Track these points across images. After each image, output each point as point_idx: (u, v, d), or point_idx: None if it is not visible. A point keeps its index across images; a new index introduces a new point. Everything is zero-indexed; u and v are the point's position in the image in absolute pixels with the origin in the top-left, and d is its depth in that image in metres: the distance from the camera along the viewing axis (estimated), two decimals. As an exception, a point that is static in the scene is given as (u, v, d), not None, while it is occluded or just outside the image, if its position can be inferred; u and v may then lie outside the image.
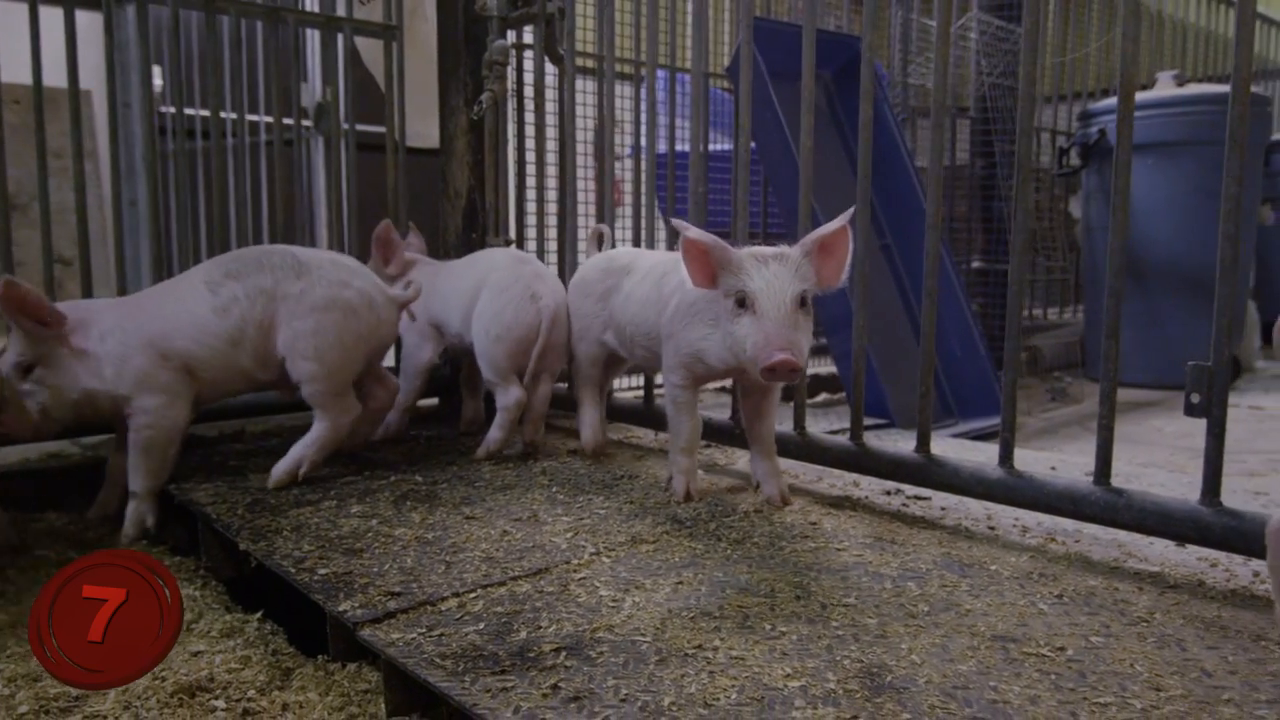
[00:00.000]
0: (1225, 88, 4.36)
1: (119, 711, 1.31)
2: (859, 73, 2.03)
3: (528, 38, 3.05)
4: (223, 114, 2.65)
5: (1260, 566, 1.63)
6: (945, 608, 1.46)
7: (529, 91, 3.08)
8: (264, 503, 2.00)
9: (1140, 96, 4.24)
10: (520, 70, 3.13)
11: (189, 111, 3.93)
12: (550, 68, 2.88)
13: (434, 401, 3.05)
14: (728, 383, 2.68)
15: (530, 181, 3.06)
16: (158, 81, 4.07)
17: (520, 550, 1.71)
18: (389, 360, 2.61)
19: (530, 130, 3.05)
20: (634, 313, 2.19)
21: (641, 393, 2.69)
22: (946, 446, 2.56)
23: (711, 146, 3.76)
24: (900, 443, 2.11)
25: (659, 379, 2.83)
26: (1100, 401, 1.67)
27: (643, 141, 2.77)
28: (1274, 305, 5.31)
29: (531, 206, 3.09)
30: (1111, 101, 4.27)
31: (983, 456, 1.94)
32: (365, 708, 1.36)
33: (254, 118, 4.24)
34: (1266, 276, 5.41)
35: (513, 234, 3.09)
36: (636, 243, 2.80)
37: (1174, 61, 5.67)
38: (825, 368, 4.06)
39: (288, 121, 2.81)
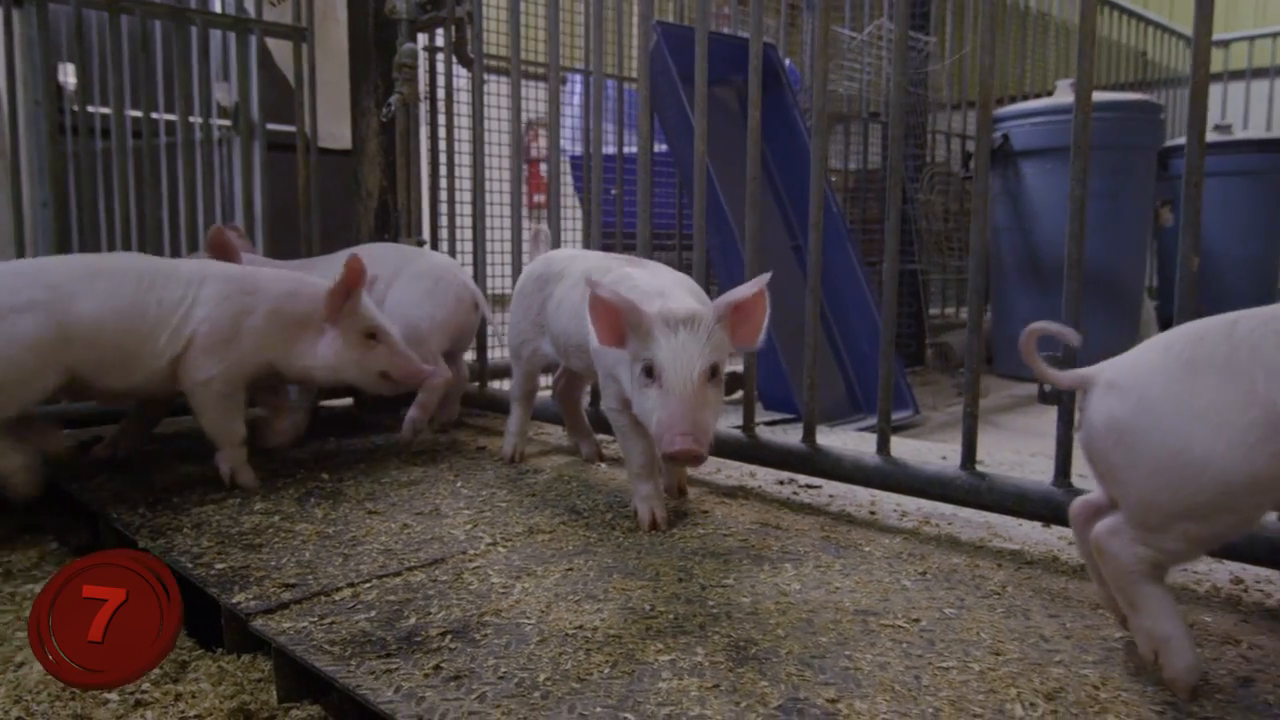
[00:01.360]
0: (1119, 95, 4.55)
1: (9, 705, 1.33)
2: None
3: (440, 40, 3.09)
4: (134, 113, 2.64)
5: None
6: (816, 586, 1.54)
7: (441, 94, 3.12)
8: (166, 501, 2.02)
9: (1040, 103, 4.44)
10: (433, 73, 3.17)
11: (105, 111, 3.87)
12: (462, 70, 2.93)
13: (348, 402, 3.07)
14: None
15: (444, 183, 3.10)
16: (71, 80, 4.00)
17: (419, 542, 1.76)
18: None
19: (442, 132, 3.09)
20: (564, 325, 2.08)
21: (551, 390, 2.74)
22: (846, 439, 2.66)
23: (629, 149, 3.84)
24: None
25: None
26: (964, 391, 1.78)
27: (567, 143, 2.83)
28: (1173, 305, 5.55)
29: (445, 208, 3.13)
30: (1015, 107, 4.47)
31: (875, 447, 2.04)
32: (258, 696, 1.40)
33: (171, 117, 4.19)
34: (1167, 276, 5.66)
35: (426, 234, 3.12)
36: (556, 244, 2.84)
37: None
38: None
39: (195, 120, 2.80)
